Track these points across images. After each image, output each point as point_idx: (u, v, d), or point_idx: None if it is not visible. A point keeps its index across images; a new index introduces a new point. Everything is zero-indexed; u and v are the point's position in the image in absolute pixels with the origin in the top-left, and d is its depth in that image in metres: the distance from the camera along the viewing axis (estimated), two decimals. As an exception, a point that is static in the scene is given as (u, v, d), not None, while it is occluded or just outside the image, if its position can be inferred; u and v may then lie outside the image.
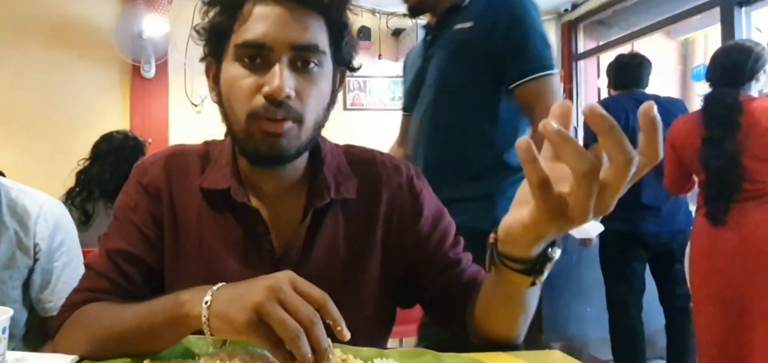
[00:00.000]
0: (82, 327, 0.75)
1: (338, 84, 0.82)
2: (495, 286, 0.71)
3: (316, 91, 0.75)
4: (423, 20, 1.82)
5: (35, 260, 1.04)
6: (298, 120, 0.74)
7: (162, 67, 4.21)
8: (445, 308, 0.85)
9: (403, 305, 0.91)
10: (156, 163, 0.84)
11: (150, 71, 4.19)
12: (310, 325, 0.56)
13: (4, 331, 0.62)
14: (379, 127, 4.11)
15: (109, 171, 2.25)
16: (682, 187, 2.26)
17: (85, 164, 2.32)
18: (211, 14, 0.76)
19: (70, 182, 2.31)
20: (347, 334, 0.60)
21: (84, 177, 2.28)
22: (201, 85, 4.14)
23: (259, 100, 0.72)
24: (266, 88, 0.71)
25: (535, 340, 1.39)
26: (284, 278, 0.59)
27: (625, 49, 3.86)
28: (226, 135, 0.84)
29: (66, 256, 1.08)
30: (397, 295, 0.89)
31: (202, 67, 0.82)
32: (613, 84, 2.73)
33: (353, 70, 0.83)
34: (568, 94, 4.88)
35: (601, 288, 2.70)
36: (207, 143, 0.88)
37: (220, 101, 0.79)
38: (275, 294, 0.57)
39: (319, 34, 0.75)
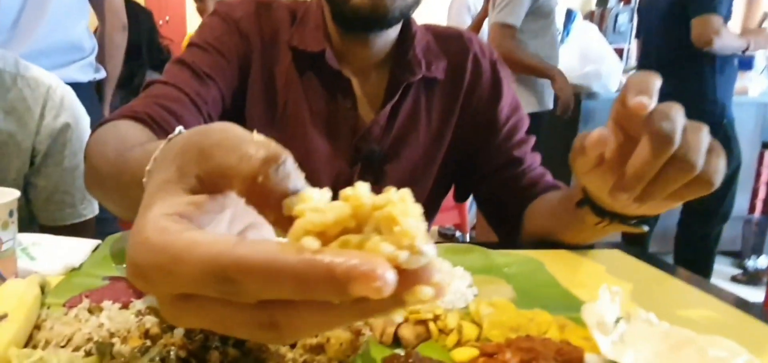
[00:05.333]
0: (100, 143, 0.60)
1: None
2: (582, 223, 0.64)
3: None
4: None
5: (31, 164, 0.91)
6: None
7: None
8: (499, 207, 0.84)
9: (458, 198, 0.92)
10: (247, 3, 0.78)
11: (164, -57, 3.97)
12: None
13: (11, 215, 0.55)
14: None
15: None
16: None
17: None
18: None
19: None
20: None
21: None
22: (218, -43, 3.90)
23: None
24: None
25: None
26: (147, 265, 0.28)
27: None
28: None
29: (69, 161, 0.93)
30: (452, 180, 0.88)
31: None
32: None
33: None
34: None
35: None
36: None
37: None
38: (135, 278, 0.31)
39: None
